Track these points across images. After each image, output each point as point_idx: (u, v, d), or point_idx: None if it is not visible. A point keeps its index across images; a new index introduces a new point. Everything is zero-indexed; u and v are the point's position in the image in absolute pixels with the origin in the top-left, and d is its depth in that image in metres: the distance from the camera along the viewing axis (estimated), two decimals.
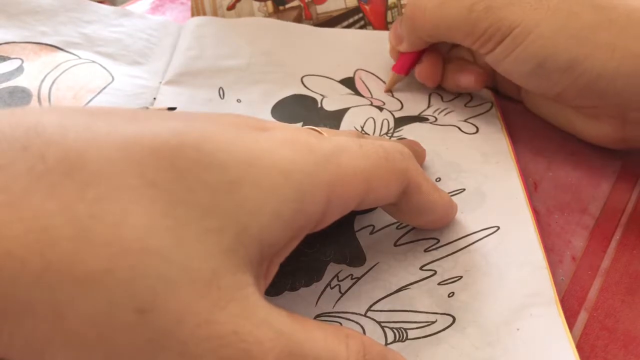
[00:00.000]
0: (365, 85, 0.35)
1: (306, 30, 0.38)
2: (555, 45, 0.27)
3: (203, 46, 0.36)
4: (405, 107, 0.33)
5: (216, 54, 0.35)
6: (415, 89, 0.34)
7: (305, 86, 0.34)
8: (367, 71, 0.36)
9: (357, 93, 0.34)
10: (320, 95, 0.34)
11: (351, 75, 0.36)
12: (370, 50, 0.37)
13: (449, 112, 0.33)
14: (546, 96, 0.30)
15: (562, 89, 0.28)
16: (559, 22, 0.27)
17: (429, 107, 0.34)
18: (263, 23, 0.38)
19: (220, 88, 0.34)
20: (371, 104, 0.33)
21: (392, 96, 0.34)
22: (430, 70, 0.33)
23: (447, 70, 0.34)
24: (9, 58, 0.33)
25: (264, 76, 0.35)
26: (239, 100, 0.33)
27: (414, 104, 0.34)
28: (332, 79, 0.35)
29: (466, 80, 0.33)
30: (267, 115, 0.33)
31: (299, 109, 0.33)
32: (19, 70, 0.32)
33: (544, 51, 0.27)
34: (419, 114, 0.33)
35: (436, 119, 0.33)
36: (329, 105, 0.33)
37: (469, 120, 0.32)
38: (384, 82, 0.35)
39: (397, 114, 0.33)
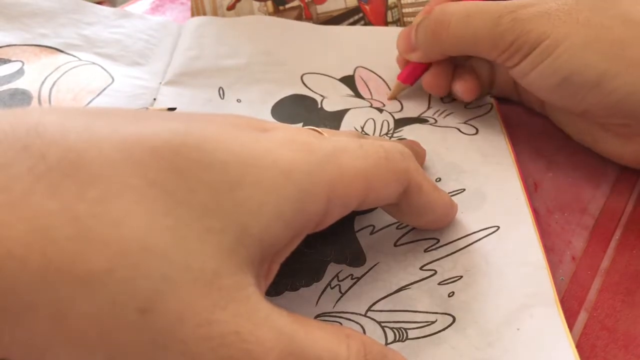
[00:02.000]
0: (366, 84, 0.35)
1: (306, 27, 0.38)
2: (584, 59, 0.26)
3: (203, 46, 0.36)
4: (405, 109, 0.33)
5: (216, 53, 0.35)
6: (415, 90, 0.34)
7: (305, 85, 0.34)
8: (367, 69, 0.36)
9: (357, 94, 0.34)
10: (321, 96, 0.34)
11: (351, 73, 0.36)
12: (369, 46, 0.37)
13: (448, 114, 0.33)
14: (572, 112, 0.29)
15: (589, 106, 0.27)
16: (589, 36, 0.26)
17: (428, 108, 0.34)
18: (263, 21, 0.38)
19: (220, 88, 0.34)
20: (371, 106, 0.33)
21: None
22: (440, 81, 0.32)
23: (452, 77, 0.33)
24: (10, 60, 0.33)
25: (264, 75, 0.35)
26: (239, 100, 0.33)
27: (414, 105, 0.34)
28: (332, 77, 0.35)
29: (454, 88, 0.32)
30: (267, 115, 0.33)
31: (299, 109, 0.33)
32: (20, 72, 0.32)
33: (571, 65, 0.26)
34: (419, 116, 0.33)
35: (436, 121, 0.33)
36: (329, 107, 0.33)
37: (469, 122, 0.32)
38: (384, 80, 0.35)
39: (397, 115, 0.33)
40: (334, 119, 0.32)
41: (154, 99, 0.33)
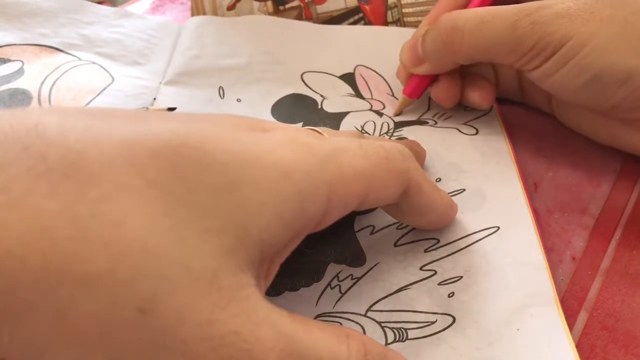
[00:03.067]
0: (366, 83, 0.35)
1: (306, 27, 0.38)
2: (612, 57, 0.26)
3: (203, 46, 0.36)
4: (404, 111, 0.33)
5: (216, 53, 0.35)
6: None
7: (305, 84, 0.34)
8: (367, 67, 0.36)
9: (358, 93, 0.34)
10: (321, 96, 0.34)
11: (351, 70, 0.36)
12: (369, 45, 0.37)
13: (448, 117, 0.33)
14: (597, 110, 0.29)
15: (617, 102, 0.27)
16: (615, 33, 0.25)
17: (428, 110, 0.34)
18: (263, 21, 0.38)
19: (220, 87, 0.34)
20: (371, 108, 0.33)
21: (392, 95, 0.34)
22: (450, 92, 0.32)
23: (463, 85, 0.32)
24: (10, 60, 0.33)
25: (264, 75, 0.35)
26: (239, 100, 0.33)
27: (414, 106, 0.34)
28: (332, 75, 0.35)
29: (471, 97, 0.32)
30: (267, 115, 0.33)
31: (299, 109, 0.33)
32: (20, 72, 0.32)
33: (600, 64, 0.26)
34: (419, 118, 0.33)
35: (436, 123, 0.33)
36: (329, 108, 0.33)
37: (469, 123, 0.32)
38: (384, 78, 0.35)
39: (397, 118, 0.33)
40: (334, 119, 0.32)
41: (154, 99, 0.33)
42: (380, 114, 0.33)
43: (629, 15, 0.26)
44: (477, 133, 0.32)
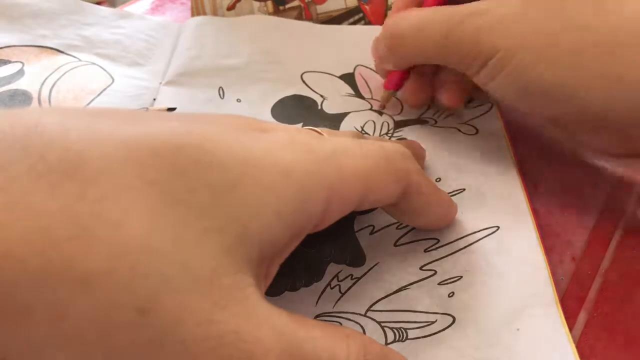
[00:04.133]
0: (366, 83, 0.35)
1: (306, 27, 0.38)
2: (538, 69, 0.25)
3: (203, 46, 0.36)
4: (405, 110, 0.33)
5: (216, 53, 0.35)
6: None
7: (305, 83, 0.34)
8: (367, 67, 0.36)
9: (358, 93, 0.34)
10: (321, 96, 0.34)
11: (351, 70, 0.36)
12: (369, 45, 0.37)
13: (449, 115, 0.33)
14: (543, 119, 0.29)
15: (557, 115, 0.27)
16: (543, 45, 0.25)
17: (428, 109, 0.34)
18: (263, 20, 0.38)
19: (220, 87, 0.34)
20: (371, 108, 0.33)
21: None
22: (417, 94, 0.32)
23: (434, 85, 0.32)
24: (10, 61, 0.33)
25: (264, 74, 0.35)
26: (238, 100, 0.33)
27: None
28: (332, 75, 0.35)
29: (440, 98, 0.32)
30: (267, 115, 0.33)
31: (299, 109, 0.33)
32: (20, 73, 0.32)
33: (526, 77, 0.25)
34: (419, 117, 0.33)
35: (436, 122, 0.33)
36: (329, 109, 0.33)
37: (469, 122, 0.32)
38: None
39: (397, 118, 0.33)
40: (334, 120, 0.32)
41: (154, 99, 0.33)
42: (380, 113, 0.33)
43: (559, 27, 0.25)
44: (477, 133, 0.32)
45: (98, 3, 0.37)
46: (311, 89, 0.34)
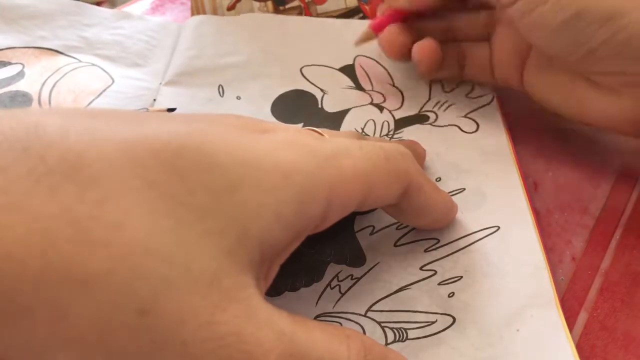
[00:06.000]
0: (366, 74, 0.35)
1: (304, 21, 0.38)
2: None
3: (202, 45, 0.36)
4: (405, 100, 0.33)
5: (215, 51, 0.35)
6: (415, 82, 0.34)
7: (305, 77, 0.34)
8: (367, 57, 0.36)
9: (358, 85, 0.34)
10: (321, 90, 0.34)
11: (351, 62, 0.35)
12: None
13: (450, 106, 0.33)
14: (571, 58, 0.27)
15: (595, 46, 0.25)
16: None
17: (429, 99, 0.33)
18: (262, 18, 0.38)
19: (220, 85, 0.34)
20: (372, 102, 0.33)
21: (393, 85, 0.34)
22: (395, 40, 0.31)
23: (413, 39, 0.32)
24: (10, 63, 0.33)
25: (263, 70, 0.35)
26: (238, 98, 0.33)
27: (415, 94, 0.33)
28: (332, 68, 0.35)
29: (413, 50, 0.31)
30: (267, 112, 0.33)
31: (299, 107, 0.33)
32: (20, 74, 0.32)
33: (584, 0, 0.25)
34: (420, 110, 0.33)
35: (437, 116, 0.32)
36: (330, 105, 0.33)
37: (470, 115, 0.32)
38: (384, 67, 0.35)
39: (398, 114, 0.33)
40: (335, 120, 0.32)
41: (154, 100, 0.33)
42: (380, 108, 0.33)
43: None
44: (477, 131, 0.32)
45: (98, 4, 0.37)
46: (311, 82, 0.34)
